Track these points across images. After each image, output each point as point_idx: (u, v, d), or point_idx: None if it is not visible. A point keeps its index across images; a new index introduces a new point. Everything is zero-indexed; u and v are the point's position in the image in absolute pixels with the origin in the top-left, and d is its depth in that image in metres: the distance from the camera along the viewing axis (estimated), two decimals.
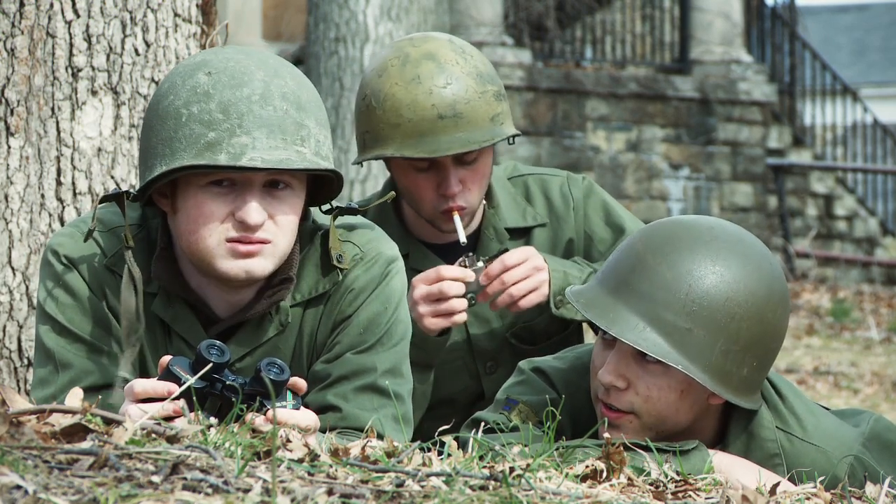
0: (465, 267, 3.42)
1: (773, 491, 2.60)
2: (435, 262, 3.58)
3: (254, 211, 2.68)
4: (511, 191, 3.65)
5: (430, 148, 3.41)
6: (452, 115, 3.44)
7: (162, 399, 2.56)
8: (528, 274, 3.44)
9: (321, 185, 2.82)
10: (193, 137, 2.66)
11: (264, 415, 2.53)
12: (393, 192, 2.88)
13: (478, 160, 3.49)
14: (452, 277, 3.41)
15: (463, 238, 3.47)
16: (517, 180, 3.68)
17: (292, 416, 2.60)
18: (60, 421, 2.29)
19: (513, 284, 3.44)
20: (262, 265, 2.71)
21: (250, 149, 2.65)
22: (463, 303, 3.42)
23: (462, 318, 3.43)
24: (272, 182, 2.71)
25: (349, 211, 2.83)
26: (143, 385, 2.59)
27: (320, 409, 2.78)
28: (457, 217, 3.47)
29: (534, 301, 3.46)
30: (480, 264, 3.43)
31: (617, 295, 2.80)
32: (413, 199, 3.52)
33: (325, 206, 2.86)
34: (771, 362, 2.83)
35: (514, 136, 3.53)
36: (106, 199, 2.79)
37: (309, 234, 2.86)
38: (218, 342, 2.59)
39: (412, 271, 3.55)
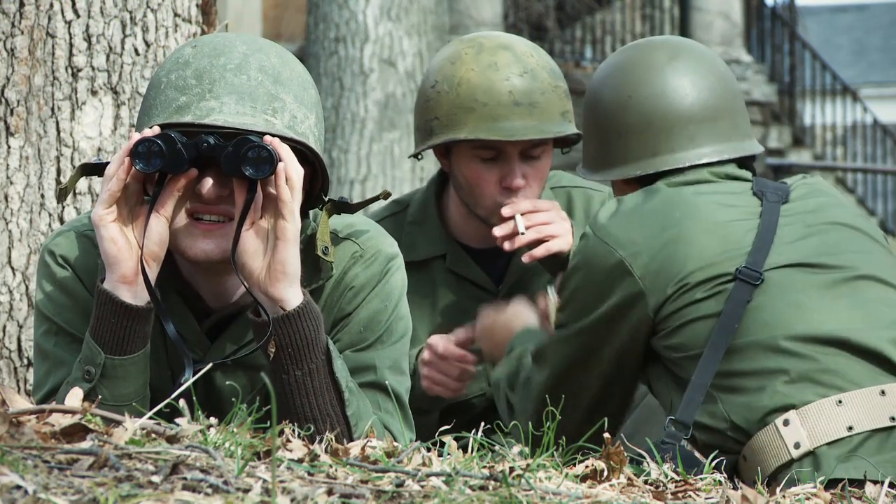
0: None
1: (772, 491, 2.61)
2: (470, 266, 3.55)
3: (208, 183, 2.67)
4: (553, 200, 3.62)
5: (506, 132, 3.38)
6: (528, 103, 3.42)
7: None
8: (552, 220, 3.42)
9: (314, 185, 2.81)
10: (167, 102, 2.68)
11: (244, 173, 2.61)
12: (387, 191, 2.87)
13: (541, 158, 3.47)
14: (455, 357, 3.40)
15: (522, 229, 3.42)
16: (560, 191, 3.65)
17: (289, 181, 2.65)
18: (60, 421, 2.29)
19: (542, 224, 3.41)
20: (222, 246, 2.69)
21: (216, 112, 2.65)
22: (460, 383, 3.41)
23: (456, 392, 3.43)
24: None
25: (342, 206, 2.82)
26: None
27: None
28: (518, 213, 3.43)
29: (554, 248, 3.43)
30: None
31: None
32: (473, 193, 3.47)
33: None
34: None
35: (578, 136, 3.48)
36: (89, 170, 2.78)
37: (308, 231, 2.85)
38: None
39: (448, 272, 3.54)
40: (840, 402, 2.74)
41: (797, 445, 2.72)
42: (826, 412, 2.73)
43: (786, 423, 2.74)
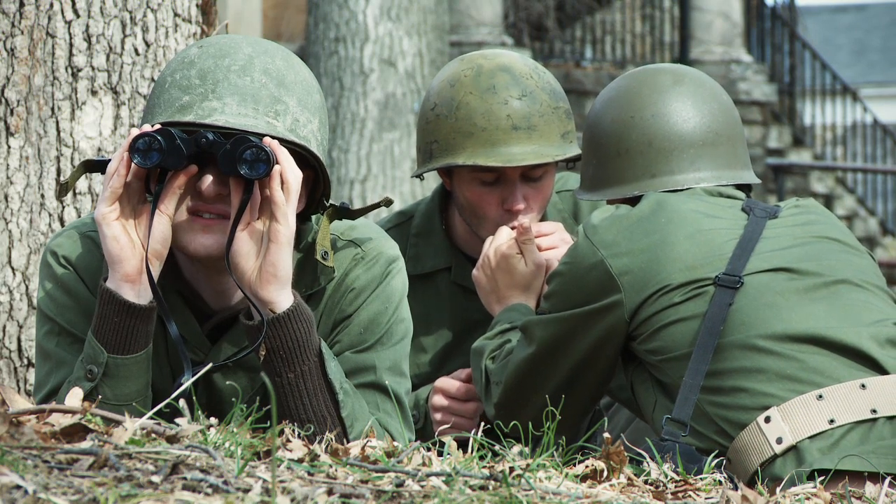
0: None
1: (772, 491, 2.61)
2: None
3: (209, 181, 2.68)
4: (559, 206, 3.61)
5: (504, 158, 3.36)
6: (527, 127, 3.39)
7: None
8: (556, 244, 3.42)
9: (317, 189, 2.80)
10: (170, 101, 2.68)
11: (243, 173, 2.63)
12: (388, 198, 2.86)
13: (543, 178, 3.44)
14: (473, 395, 3.39)
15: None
16: (566, 195, 3.64)
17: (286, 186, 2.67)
18: (60, 421, 2.29)
19: (546, 249, 3.40)
20: (221, 241, 2.69)
21: (218, 112, 2.65)
22: (473, 420, 3.40)
23: (468, 428, 3.40)
24: None
25: (343, 211, 2.81)
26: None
27: None
28: None
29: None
30: None
31: None
32: (474, 215, 3.46)
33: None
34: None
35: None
36: (92, 166, 2.78)
37: (309, 237, 2.85)
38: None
39: (454, 285, 3.53)
40: (820, 396, 2.75)
41: (779, 441, 2.73)
42: (807, 407, 2.75)
43: (767, 419, 2.75)
